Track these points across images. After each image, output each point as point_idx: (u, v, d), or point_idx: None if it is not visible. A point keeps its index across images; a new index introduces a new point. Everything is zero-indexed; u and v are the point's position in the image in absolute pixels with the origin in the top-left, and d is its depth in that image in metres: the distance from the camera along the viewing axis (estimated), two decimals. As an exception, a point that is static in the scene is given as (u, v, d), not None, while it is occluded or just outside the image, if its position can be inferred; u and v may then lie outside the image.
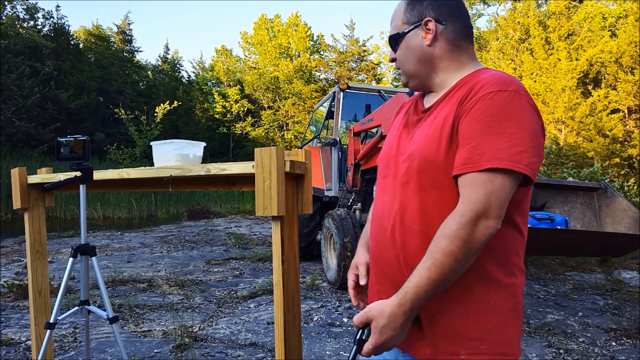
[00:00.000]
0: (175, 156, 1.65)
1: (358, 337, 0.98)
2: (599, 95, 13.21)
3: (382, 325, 0.94)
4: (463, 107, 0.98)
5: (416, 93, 1.24)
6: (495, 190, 0.91)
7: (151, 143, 1.76)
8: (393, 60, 1.17)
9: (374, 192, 1.25)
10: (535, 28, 15.10)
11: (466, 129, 0.96)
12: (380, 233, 1.12)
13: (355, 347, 0.98)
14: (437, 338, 1.00)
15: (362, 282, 1.21)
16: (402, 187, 1.06)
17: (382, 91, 6.18)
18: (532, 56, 15.03)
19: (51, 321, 1.95)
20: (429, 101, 1.13)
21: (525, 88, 0.99)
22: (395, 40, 1.14)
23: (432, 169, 1.00)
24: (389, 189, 1.11)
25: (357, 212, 5.14)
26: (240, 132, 25.05)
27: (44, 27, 20.59)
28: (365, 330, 0.97)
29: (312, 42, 27.37)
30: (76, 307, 2.02)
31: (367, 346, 0.96)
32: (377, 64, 25.45)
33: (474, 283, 0.99)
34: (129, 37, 26.28)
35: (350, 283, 1.25)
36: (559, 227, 3.52)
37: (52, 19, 20.82)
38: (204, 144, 1.75)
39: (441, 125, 1.01)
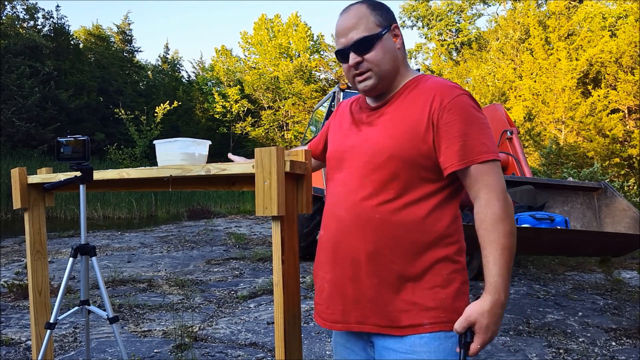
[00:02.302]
0: (180, 155, 1.64)
1: (463, 341, 1.05)
2: (599, 95, 13.21)
3: (486, 324, 1.03)
4: (436, 110, 1.09)
5: (354, 96, 1.34)
6: (500, 173, 1.09)
7: (154, 142, 1.74)
8: (359, 63, 1.16)
9: (327, 186, 1.29)
10: (535, 28, 15.10)
11: (449, 128, 1.08)
12: (336, 223, 1.18)
13: (462, 350, 1.05)
14: (402, 313, 1.11)
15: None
16: (361, 179, 1.14)
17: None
18: (532, 56, 15.04)
19: (51, 321, 1.94)
20: (374, 101, 1.22)
21: None
22: (370, 42, 1.14)
23: (395, 162, 1.11)
24: (345, 182, 1.18)
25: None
26: (240, 132, 25.05)
27: (44, 27, 20.57)
28: (468, 333, 1.05)
29: (312, 42, 27.37)
30: (76, 307, 2.02)
31: (475, 346, 1.04)
32: (377, 64, 25.41)
33: (430, 263, 1.11)
34: (129, 37, 26.26)
35: None
36: (559, 227, 3.52)
37: (52, 19, 20.80)
38: (209, 142, 1.74)
39: (410, 124, 1.11)
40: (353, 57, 1.16)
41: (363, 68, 1.16)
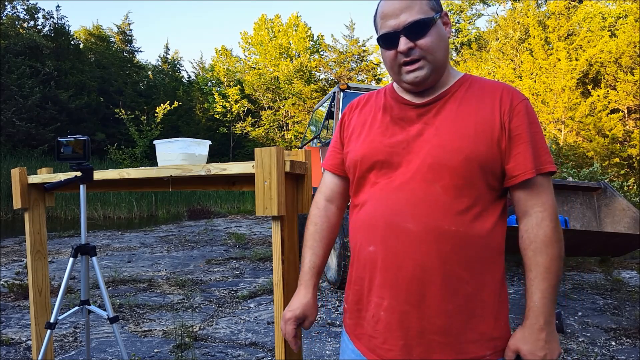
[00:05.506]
0: (180, 155, 1.65)
1: None
2: (598, 95, 13.22)
3: (529, 350, 0.98)
4: (506, 111, 1.01)
5: (379, 89, 1.18)
6: (553, 190, 1.04)
7: (154, 142, 1.75)
8: (411, 49, 1.01)
9: (362, 192, 1.12)
10: (534, 28, 15.10)
11: (521, 132, 1.00)
12: (396, 236, 1.00)
13: None
14: (470, 344, 1.00)
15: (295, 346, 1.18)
16: (429, 184, 0.99)
17: (382, 91, 6.17)
18: (532, 56, 15.04)
19: (51, 321, 1.95)
20: (418, 97, 1.07)
21: None
22: (426, 26, 1.00)
23: (471, 165, 0.98)
24: (403, 188, 1.01)
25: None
26: (240, 132, 25.06)
27: (44, 27, 20.60)
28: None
29: (312, 43, 27.38)
30: (76, 307, 2.03)
31: None
32: (377, 64, 25.46)
33: (494, 284, 1.03)
34: (129, 37, 26.30)
35: (292, 332, 1.17)
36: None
37: (52, 19, 20.83)
38: (209, 142, 1.75)
39: (482, 124, 1.00)
40: (405, 42, 1.00)
41: (415, 55, 1.01)
